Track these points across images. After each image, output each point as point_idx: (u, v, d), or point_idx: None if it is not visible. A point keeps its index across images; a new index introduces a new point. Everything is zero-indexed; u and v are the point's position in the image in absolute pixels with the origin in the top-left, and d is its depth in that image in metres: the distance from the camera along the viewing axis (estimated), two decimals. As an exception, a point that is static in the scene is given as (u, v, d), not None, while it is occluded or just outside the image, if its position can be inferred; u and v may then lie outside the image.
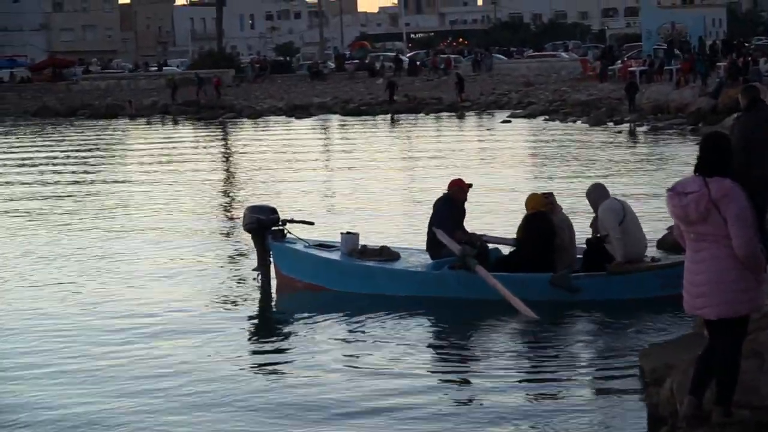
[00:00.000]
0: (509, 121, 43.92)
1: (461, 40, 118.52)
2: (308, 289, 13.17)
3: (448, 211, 13.01)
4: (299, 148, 35.84)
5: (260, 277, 13.59)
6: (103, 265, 15.54)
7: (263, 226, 13.49)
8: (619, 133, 36.37)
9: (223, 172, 29.98)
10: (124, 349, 10.94)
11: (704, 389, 6.91)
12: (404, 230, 17.03)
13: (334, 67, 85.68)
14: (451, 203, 13.11)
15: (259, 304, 13.01)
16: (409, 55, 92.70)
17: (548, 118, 43.74)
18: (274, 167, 29.55)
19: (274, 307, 13.13)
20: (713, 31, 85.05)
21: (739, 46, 64.84)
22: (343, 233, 13.63)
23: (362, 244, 13.39)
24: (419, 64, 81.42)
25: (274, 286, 13.52)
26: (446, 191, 13.31)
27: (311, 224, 14.42)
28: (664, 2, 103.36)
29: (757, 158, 11.18)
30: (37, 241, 17.86)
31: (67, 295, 13.63)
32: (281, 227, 13.59)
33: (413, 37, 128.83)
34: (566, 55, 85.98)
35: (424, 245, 13.29)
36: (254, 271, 13.79)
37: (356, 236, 13.49)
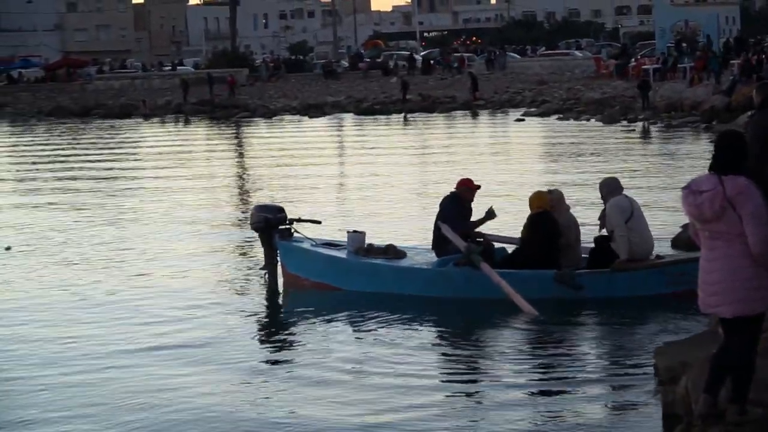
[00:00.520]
0: (523, 119, 43.83)
1: (474, 38, 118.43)
2: (315, 287, 13.12)
3: (455, 209, 12.94)
4: (312, 147, 35.81)
5: (267, 275, 13.62)
6: (112, 257, 15.92)
7: (270, 225, 13.49)
8: (632, 131, 36.27)
9: (235, 170, 29.96)
10: (125, 349, 10.94)
11: (719, 387, 6.87)
12: (413, 229, 16.89)
13: (347, 66, 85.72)
14: (458, 201, 13.04)
15: (265, 302, 13.02)
16: (422, 53, 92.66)
17: (562, 116, 43.61)
18: (286, 166, 29.54)
19: (280, 305, 13.12)
20: (726, 28, 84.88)
21: (754, 43, 64.61)
22: (349, 232, 13.63)
23: (368, 242, 13.34)
24: (433, 62, 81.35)
25: (281, 284, 13.52)
26: (454, 189, 13.27)
27: (318, 223, 14.43)
28: (677, 0, 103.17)
29: (771, 156, 11.13)
30: (52, 237, 18.15)
31: (75, 289, 13.81)
32: (288, 226, 13.60)
33: (427, 35, 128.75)
34: (580, 53, 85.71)
35: (431, 245, 13.23)
36: (261, 270, 13.83)
37: (363, 235, 13.43)
